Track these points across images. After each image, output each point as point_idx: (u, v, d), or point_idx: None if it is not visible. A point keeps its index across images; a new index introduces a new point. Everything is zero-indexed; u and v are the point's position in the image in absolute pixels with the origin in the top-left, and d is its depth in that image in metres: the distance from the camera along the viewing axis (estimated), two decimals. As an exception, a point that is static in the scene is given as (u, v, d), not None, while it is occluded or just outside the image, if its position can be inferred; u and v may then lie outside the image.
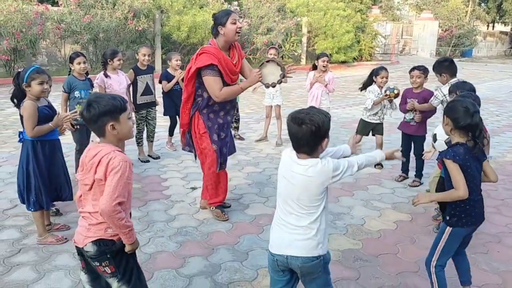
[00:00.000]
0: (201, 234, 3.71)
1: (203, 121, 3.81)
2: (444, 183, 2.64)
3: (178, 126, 5.20)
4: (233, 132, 6.78)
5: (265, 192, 4.71)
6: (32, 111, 3.24)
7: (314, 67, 6.16)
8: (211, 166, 3.91)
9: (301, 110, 2.12)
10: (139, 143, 5.68)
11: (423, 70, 4.83)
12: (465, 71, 20.21)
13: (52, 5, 14.36)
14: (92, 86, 4.86)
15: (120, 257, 2.17)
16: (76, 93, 4.61)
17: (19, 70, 3.41)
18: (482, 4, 36.41)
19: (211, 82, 3.63)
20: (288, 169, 2.15)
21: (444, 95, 4.30)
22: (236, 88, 3.74)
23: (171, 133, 6.35)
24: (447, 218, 2.60)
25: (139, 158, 5.66)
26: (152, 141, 5.81)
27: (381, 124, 5.52)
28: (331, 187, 2.39)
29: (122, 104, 2.12)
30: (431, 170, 4.96)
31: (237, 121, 6.78)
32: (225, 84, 3.70)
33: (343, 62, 20.27)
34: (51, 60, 14.32)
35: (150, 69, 5.61)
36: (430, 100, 4.60)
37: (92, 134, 5.20)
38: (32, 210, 3.40)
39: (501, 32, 39.59)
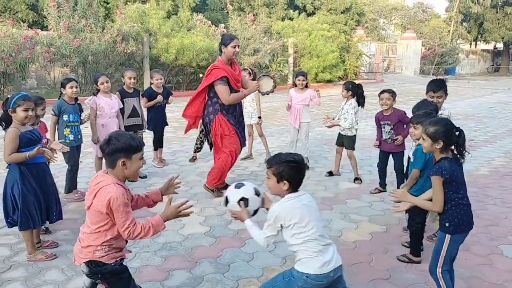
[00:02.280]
0: (185, 249, 3.88)
1: (227, 120, 5.00)
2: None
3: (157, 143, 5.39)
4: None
5: (248, 208, 4.90)
6: (12, 138, 3.40)
7: (295, 85, 6.46)
8: (233, 156, 5.10)
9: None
10: (126, 163, 5.86)
11: (392, 93, 5.14)
12: (448, 89, 20.77)
13: (42, 30, 14.63)
14: (81, 110, 5.07)
15: (111, 276, 2.42)
16: (65, 117, 4.82)
17: (8, 96, 3.60)
18: (464, 23, 37.45)
19: (222, 90, 4.86)
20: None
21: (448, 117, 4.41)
22: (241, 94, 5.04)
23: (155, 147, 6.55)
24: (446, 225, 2.77)
25: (126, 178, 5.82)
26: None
27: (348, 137, 5.81)
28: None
29: (138, 145, 2.38)
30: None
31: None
32: (232, 90, 4.91)
33: (329, 81, 20.73)
34: (40, 83, 14.51)
35: (136, 92, 5.85)
36: None
37: (82, 153, 5.40)
38: (20, 229, 3.56)
39: (483, 50, 40.70)
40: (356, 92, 5.77)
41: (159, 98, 6.17)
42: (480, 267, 3.60)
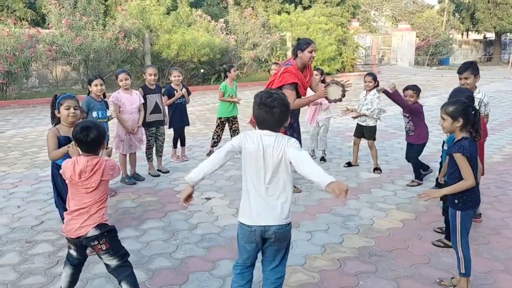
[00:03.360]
0: (225, 239, 3.97)
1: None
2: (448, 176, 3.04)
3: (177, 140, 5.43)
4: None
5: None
6: (50, 136, 3.55)
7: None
8: None
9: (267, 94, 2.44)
10: (149, 158, 5.92)
11: (416, 89, 5.28)
12: (444, 79, 21.00)
13: (43, 28, 14.54)
14: (107, 107, 5.12)
15: (114, 235, 2.78)
16: (94, 114, 4.87)
17: (56, 94, 3.68)
18: (456, 14, 37.71)
19: (289, 95, 4.53)
20: None
21: (480, 100, 4.44)
22: (306, 100, 4.98)
23: (175, 145, 6.64)
24: (456, 202, 2.96)
25: (149, 173, 5.89)
26: (161, 156, 6.06)
27: (369, 127, 5.92)
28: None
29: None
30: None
31: (237, 134, 7.07)
32: (298, 95, 4.84)
33: (328, 74, 20.79)
34: (42, 82, 14.44)
35: (158, 88, 5.89)
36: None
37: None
38: None
39: (475, 40, 41.03)
40: (377, 82, 5.90)
41: (178, 94, 6.24)
42: (513, 249, 3.73)
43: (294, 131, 5.26)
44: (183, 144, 6.70)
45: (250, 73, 18.84)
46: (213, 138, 6.97)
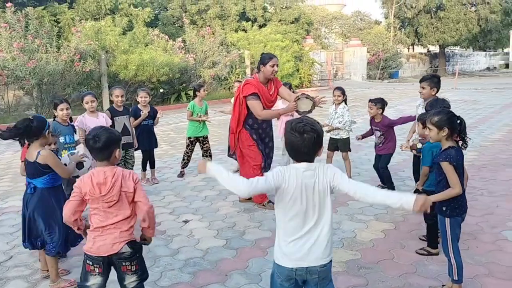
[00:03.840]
0: (210, 263, 3.85)
1: (249, 134, 5.08)
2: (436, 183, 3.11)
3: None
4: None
5: (256, 217, 4.94)
6: (52, 156, 3.34)
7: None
8: (257, 170, 5.01)
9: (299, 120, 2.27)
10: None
11: (374, 102, 5.50)
12: (396, 91, 21.82)
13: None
14: (75, 131, 4.91)
15: (141, 252, 2.64)
16: (61, 139, 4.65)
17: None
18: (402, 29, 39.48)
19: (255, 105, 4.90)
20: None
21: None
22: (275, 112, 5.10)
23: (144, 168, 6.45)
24: (443, 209, 3.04)
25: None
26: (132, 179, 5.85)
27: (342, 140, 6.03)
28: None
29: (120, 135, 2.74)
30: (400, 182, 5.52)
31: (210, 155, 6.97)
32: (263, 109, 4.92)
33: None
34: (-8, 108, 13.73)
35: (126, 110, 5.73)
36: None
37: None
38: (52, 254, 3.42)
39: (421, 53, 43.09)
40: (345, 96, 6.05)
41: (144, 115, 6.09)
42: (493, 253, 3.84)
43: (265, 147, 5.29)
44: (152, 166, 6.51)
45: (210, 92, 18.78)
46: (183, 159, 6.83)
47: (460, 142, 3.07)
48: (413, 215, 4.61)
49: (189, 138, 6.78)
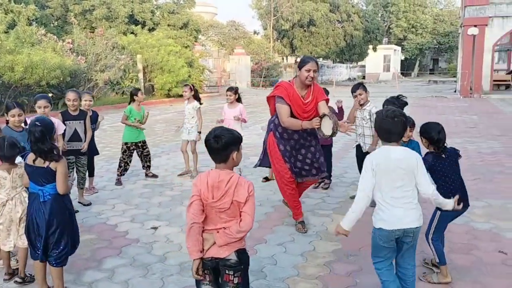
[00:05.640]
0: (206, 265, 3.84)
1: (277, 143, 4.56)
2: None
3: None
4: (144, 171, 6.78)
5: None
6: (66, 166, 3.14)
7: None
8: (280, 181, 4.62)
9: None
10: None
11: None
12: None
13: None
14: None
15: (247, 270, 2.51)
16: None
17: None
18: (279, 41, 42.00)
19: (280, 110, 4.41)
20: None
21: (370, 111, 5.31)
22: (298, 123, 4.34)
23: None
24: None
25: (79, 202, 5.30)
26: (82, 188, 5.45)
27: None
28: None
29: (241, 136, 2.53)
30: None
31: (149, 160, 6.76)
32: (292, 116, 4.39)
33: (180, 96, 20.98)
34: None
35: (82, 114, 5.30)
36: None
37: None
38: (62, 265, 3.18)
39: (296, 63, 46.43)
40: None
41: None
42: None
43: (297, 161, 4.69)
44: (91, 174, 6.07)
45: (100, 96, 17.78)
46: (120, 166, 6.50)
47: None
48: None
49: (125, 143, 6.49)
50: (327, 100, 4.60)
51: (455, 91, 25.47)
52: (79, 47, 17.00)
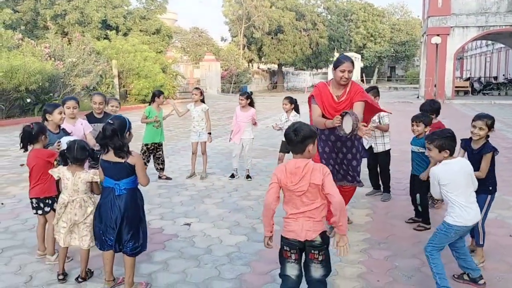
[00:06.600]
0: (252, 254, 4.05)
1: (317, 145, 4.29)
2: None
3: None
4: (158, 173, 6.90)
5: (250, 214, 5.24)
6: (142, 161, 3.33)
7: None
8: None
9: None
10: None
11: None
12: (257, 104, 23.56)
13: None
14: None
15: (328, 249, 2.82)
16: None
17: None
18: (249, 48, 42.47)
19: (312, 109, 4.52)
20: None
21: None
22: (322, 122, 4.28)
23: None
24: (490, 188, 3.83)
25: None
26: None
27: None
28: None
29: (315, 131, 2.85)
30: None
31: (162, 162, 6.89)
32: (324, 116, 4.38)
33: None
34: None
35: (107, 118, 5.38)
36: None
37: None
38: (136, 255, 3.36)
39: (263, 70, 46.97)
40: (296, 105, 6.76)
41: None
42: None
43: (338, 164, 4.59)
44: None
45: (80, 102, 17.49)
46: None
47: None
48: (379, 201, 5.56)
49: (146, 144, 6.66)
50: (365, 101, 4.42)
51: (418, 97, 26.75)
52: (55, 52, 16.69)
